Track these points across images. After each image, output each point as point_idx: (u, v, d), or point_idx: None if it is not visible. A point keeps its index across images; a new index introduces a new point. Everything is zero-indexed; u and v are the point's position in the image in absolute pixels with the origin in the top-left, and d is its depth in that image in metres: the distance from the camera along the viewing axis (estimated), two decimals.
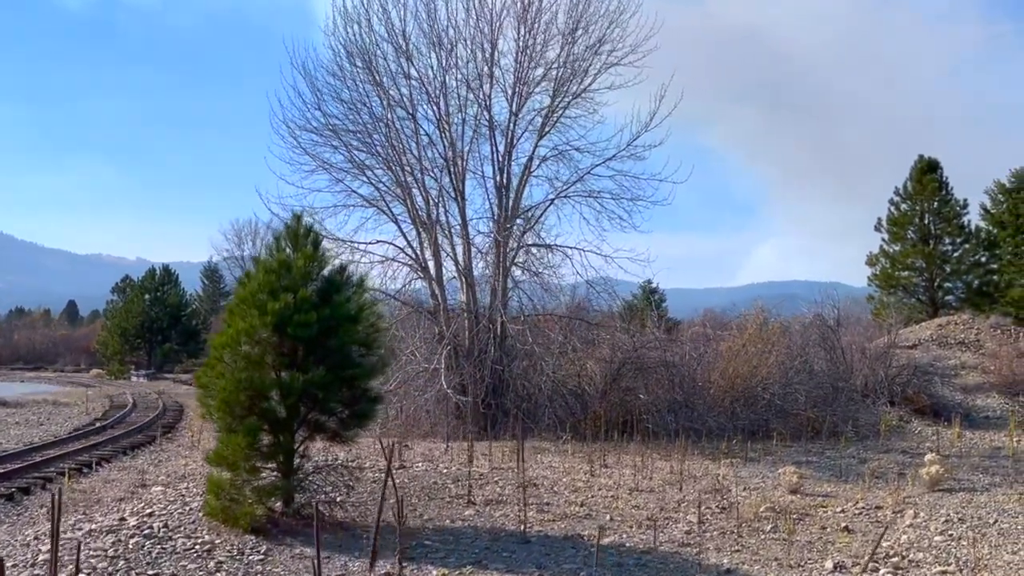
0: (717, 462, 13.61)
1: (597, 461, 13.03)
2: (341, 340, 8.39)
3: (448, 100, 17.30)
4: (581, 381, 17.70)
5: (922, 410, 20.05)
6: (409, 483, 10.77)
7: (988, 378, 23.41)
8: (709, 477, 11.94)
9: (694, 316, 34.82)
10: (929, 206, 33.85)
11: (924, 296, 34.04)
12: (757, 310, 19.75)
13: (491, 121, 17.49)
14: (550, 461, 13.23)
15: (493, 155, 17.57)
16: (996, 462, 13.73)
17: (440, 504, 9.71)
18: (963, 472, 12.64)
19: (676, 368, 17.77)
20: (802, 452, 14.86)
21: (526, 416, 16.46)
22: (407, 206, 17.08)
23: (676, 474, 11.90)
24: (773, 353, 18.23)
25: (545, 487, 10.79)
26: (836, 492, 10.99)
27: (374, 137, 16.81)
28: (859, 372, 20.48)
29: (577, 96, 17.84)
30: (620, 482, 11.27)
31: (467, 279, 17.31)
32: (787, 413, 17.31)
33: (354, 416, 8.66)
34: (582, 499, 10.13)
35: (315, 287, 8.58)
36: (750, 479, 11.82)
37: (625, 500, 10.15)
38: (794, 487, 10.86)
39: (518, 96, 17.55)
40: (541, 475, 11.69)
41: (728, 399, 17.49)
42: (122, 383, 39.73)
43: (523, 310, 17.28)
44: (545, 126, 17.86)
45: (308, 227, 8.81)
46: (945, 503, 10.15)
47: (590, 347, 18.81)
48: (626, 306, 37.58)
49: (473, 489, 10.39)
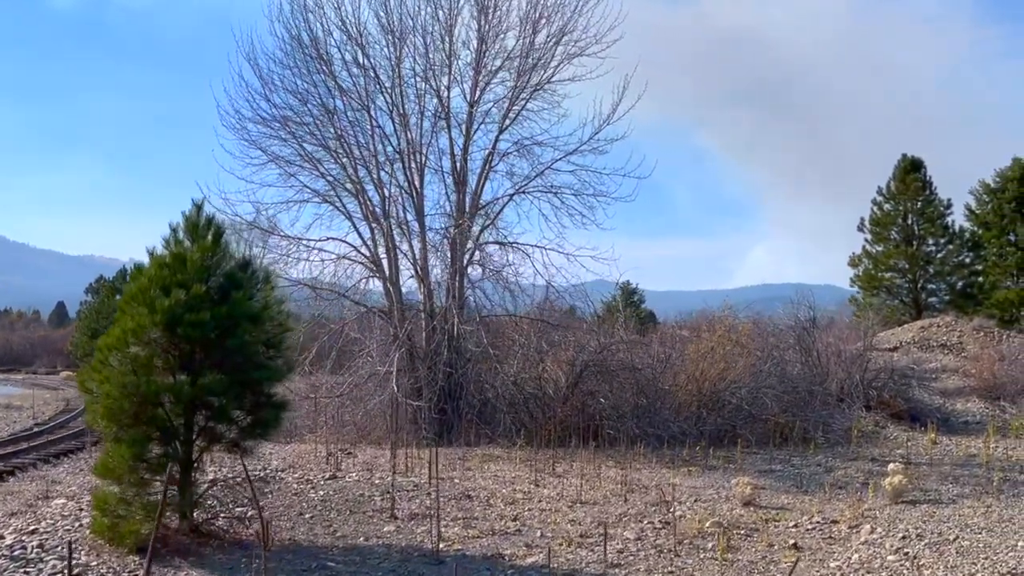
0: (675, 470, 12.91)
1: (547, 470, 12.33)
2: (240, 341, 7.65)
3: (404, 91, 16.58)
4: (543, 385, 16.98)
5: (898, 415, 19.40)
6: (334, 495, 10.04)
7: (969, 382, 22.79)
8: (661, 487, 11.23)
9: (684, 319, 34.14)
10: (912, 206, 33.30)
11: (907, 298, 33.46)
12: (726, 310, 19.07)
13: (448, 113, 16.79)
14: (498, 470, 12.51)
15: (451, 149, 16.87)
16: (968, 471, 13.06)
17: (360, 519, 8.98)
18: (931, 481, 11.96)
19: (641, 371, 17.06)
20: (767, 460, 14.17)
21: (482, 421, 15.76)
22: (360, 202, 16.35)
23: (626, 484, 11.21)
24: (743, 356, 17.54)
25: (481, 499, 10.07)
26: (793, 504, 10.30)
27: (325, 129, 16.08)
28: (834, 376, 19.81)
29: (539, 88, 17.16)
30: (564, 493, 10.56)
31: (423, 278, 16.58)
32: (756, 418, 16.62)
33: (256, 424, 7.92)
34: (517, 513, 9.42)
35: (215, 283, 7.85)
36: (704, 490, 11.12)
37: (564, 514, 9.44)
38: (747, 499, 10.17)
39: (477, 87, 16.86)
40: (482, 485, 10.97)
41: (695, 404, 16.79)
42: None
43: (479, 311, 16.55)
44: (506, 119, 17.16)
45: (209, 217, 8.07)
46: (906, 517, 9.46)
47: (555, 349, 18.09)
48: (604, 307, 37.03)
49: (401, 502, 9.67)
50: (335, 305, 16.49)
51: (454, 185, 16.85)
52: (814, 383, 19.64)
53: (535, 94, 17.18)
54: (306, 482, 10.80)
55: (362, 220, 16.52)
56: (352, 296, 16.32)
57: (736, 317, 19.24)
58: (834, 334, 21.86)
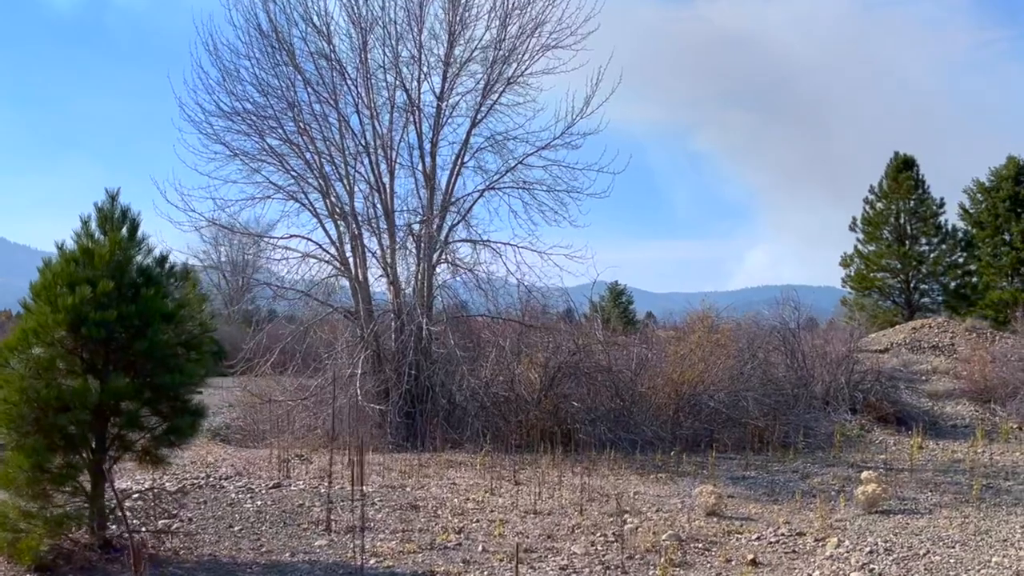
0: (644, 477, 12.36)
1: (508, 477, 11.78)
2: (151, 342, 7.09)
3: (372, 84, 16.02)
4: (515, 387, 16.41)
5: (885, 418, 18.82)
6: (271, 506, 9.48)
7: (959, 384, 22.21)
8: (624, 496, 10.67)
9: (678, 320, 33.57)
10: (905, 205, 32.70)
11: (900, 298, 32.88)
12: (704, 309, 18.52)
13: (418, 107, 16.22)
14: (458, 477, 11.95)
15: (420, 144, 16.31)
16: (951, 477, 12.50)
17: (294, 532, 8.43)
18: (910, 489, 11.40)
19: (617, 373, 16.50)
20: (742, 466, 13.61)
21: (451, 426, 15.20)
22: (326, 198, 15.78)
23: (587, 492, 10.65)
24: (723, 358, 16.98)
25: (428, 510, 9.51)
26: (760, 514, 9.74)
27: (288, 123, 15.49)
28: (819, 378, 19.25)
29: (512, 82, 16.60)
30: (519, 503, 10.00)
31: (391, 277, 16.03)
32: (735, 422, 16.06)
33: (171, 432, 7.37)
34: (463, 524, 8.86)
35: (128, 279, 7.30)
36: (668, 499, 10.56)
37: (513, 525, 8.88)
38: (712, 509, 9.61)
39: (446, 80, 16.29)
40: (434, 495, 10.41)
41: (672, 407, 16.24)
42: None
43: (446, 311, 15.99)
44: (478, 113, 16.60)
45: (124, 208, 7.52)
46: (877, 528, 8.91)
47: (530, 351, 17.53)
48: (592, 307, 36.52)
49: (343, 513, 9.12)
50: (301, 305, 15.96)
51: (424, 181, 16.30)
52: (798, 386, 19.11)
53: (508, 88, 16.63)
54: (247, 491, 10.25)
55: (328, 217, 15.96)
56: (316, 295, 15.76)
57: (717, 317, 18.64)
58: (821, 335, 21.27)
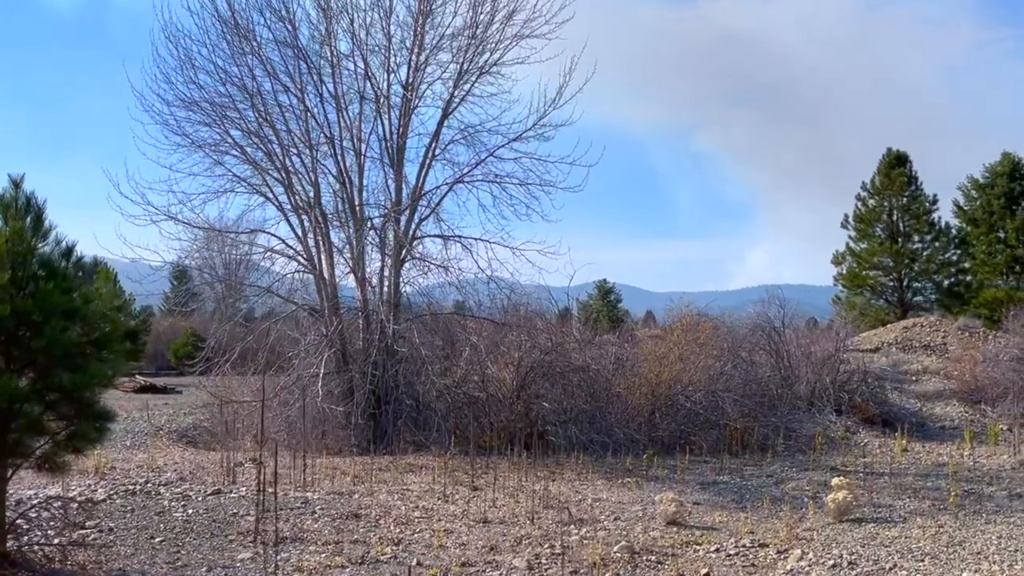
0: (612, 482, 11.82)
1: (467, 482, 11.24)
2: (51, 339, 6.54)
3: (340, 73, 15.45)
4: (488, 387, 15.86)
5: (871, 420, 18.29)
6: (203, 514, 8.94)
7: (949, 385, 21.68)
8: (585, 502, 10.14)
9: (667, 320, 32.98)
10: (897, 202, 32.12)
11: (892, 297, 32.30)
12: (683, 307, 17.97)
13: (387, 96, 15.66)
14: (415, 482, 11.42)
15: (386, 135, 15.73)
16: (932, 482, 11.96)
17: (219, 544, 7.88)
18: (887, 495, 10.87)
19: (593, 373, 15.96)
20: (716, 470, 13.07)
21: (417, 428, 14.66)
22: (289, 191, 15.24)
23: (545, 499, 10.11)
24: (701, 357, 16.44)
25: (371, 518, 8.97)
26: (725, 523, 9.19)
27: (250, 113, 14.94)
28: (803, 378, 18.71)
29: (485, 71, 16.05)
30: (472, 510, 9.45)
31: (357, 273, 15.48)
32: (713, 424, 15.51)
33: (73, 437, 6.83)
34: (404, 535, 8.31)
35: (28, 272, 6.76)
36: (630, 506, 10.02)
37: (458, 536, 8.33)
38: (673, 517, 9.06)
39: (416, 69, 15.73)
40: (382, 502, 9.87)
41: (649, 408, 15.70)
42: None
43: (413, 308, 15.45)
44: (450, 104, 16.05)
45: (28, 196, 6.97)
46: (845, 539, 8.37)
47: (503, 350, 16.97)
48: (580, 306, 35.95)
49: (279, 523, 8.56)
50: (262, 302, 15.42)
51: (392, 174, 15.74)
52: (782, 386, 18.59)
53: (481, 77, 16.09)
54: (183, 498, 9.71)
55: (292, 211, 15.42)
56: (281, 292, 15.21)
57: (700, 315, 18.07)
58: (806, 335, 20.71)
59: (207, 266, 17.94)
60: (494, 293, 15.62)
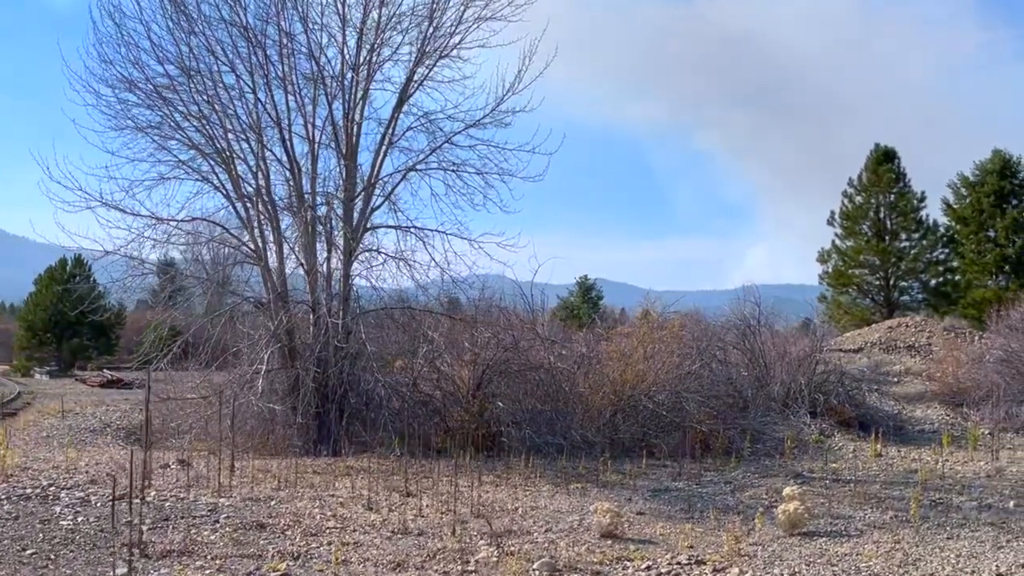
0: (559, 488, 11.11)
1: (400, 487, 10.51)
2: None
3: (286, 52, 14.68)
4: (442, 386, 15.15)
5: (847, 422, 17.58)
6: (91, 523, 8.21)
7: (931, 386, 20.99)
8: (518, 512, 9.42)
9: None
10: (885, 199, 31.39)
11: (878, 296, 31.58)
12: (648, 302, 17.25)
13: (339, 80, 14.89)
14: (345, 486, 10.68)
15: (342, 121, 14.96)
16: (900, 491, 11.25)
17: (98, 556, 7.14)
18: (849, 505, 10.16)
19: (554, 372, 15.23)
20: (674, 475, 12.36)
21: (365, 428, 13.94)
22: (234, 178, 14.49)
23: (478, 506, 9.40)
24: (668, 356, 15.72)
25: (278, 528, 8.23)
26: (666, 536, 8.47)
27: (191, 96, 14.16)
28: (777, 379, 18.00)
29: (445, 55, 15.32)
30: (395, 519, 8.71)
31: (305, 265, 14.74)
32: (677, 426, 14.80)
33: None
34: (308, 548, 7.57)
35: None
36: (568, 515, 9.30)
37: (367, 550, 7.60)
38: (608, 529, 8.34)
39: (372, 51, 14.97)
40: (299, 509, 9.14)
41: (611, 409, 14.98)
42: (23, 380, 36.69)
43: (359, 303, 14.71)
44: (407, 89, 15.32)
45: None
46: (790, 556, 7.65)
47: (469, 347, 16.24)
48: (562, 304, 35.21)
49: (173, 533, 7.84)
50: (200, 295, 14.69)
51: (345, 161, 14.99)
52: (755, 387, 17.90)
53: (441, 61, 15.35)
54: (82, 504, 8.98)
55: (238, 199, 14.67)
56: (216, 280, 14.47)
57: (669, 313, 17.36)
58: (784, 334, 19.99)
59: (192, 259, 17.15)
60: (448, 288, 14.88)
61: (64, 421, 18.54)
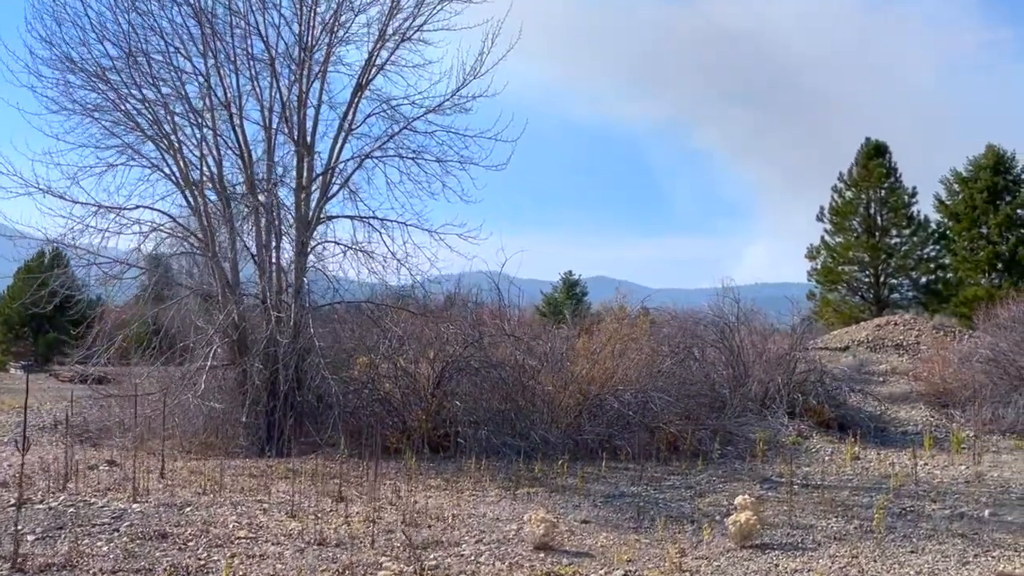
0: (507, 492, 10.46)
1: (332, 493, 9.86)
2: None
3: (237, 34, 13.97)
4: (400, 384, 14.49)
5: (827, 423, 16.94)
6: None
7: (917, 386, 20.34)
8: (455, 520, 8.77)
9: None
10: (875, 194, 30.68)
11: (868, 294, 30.88)
12: (618, 297, 16.59)
13: (297, 63, 14.18)
14: (281, 491, 10.02)
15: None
16: (870, 497, 10.60)
17: None
18: (812, 513, 9.50)
19: (517, 370, 14.57)
20: (634, 479, 11.68)
21: (316, 428, 13.27)
22: (179, 164, 13.80)
23: (412, 514, 8.75)
24: (638, 353, 15.06)
25: (181, 539, 7.56)
26: (606, 548, 7.82)
27: (137, 77, 13.47)
28: (755, 378, 17.33)
29: (407, 38, 14.64)
30: (312, 529, 8.04)
31: (255, 257, 14.07)
32: (645, 427, 14.13)
33: None
34: (206, 562, 6.91)
35: None
36: (507, 523, 8.64)
37: (271, 565, 6.93)
38: (542, 541, 7.68)
39: (328, 32, 14.27)
40: (214, 516, 8.47)
41: (577, 409, 14.32)
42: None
43: (310, 296, 14.02)
44: (367, 73, 14.63)
45: None
46: (735, 572, 7.00)
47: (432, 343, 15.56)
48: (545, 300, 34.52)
49: (60, 545, 7.19)
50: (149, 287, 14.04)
51: (297, 147, 14.29)
52: (732, 386, 17.24)
53: (403, 44, 14.67)
54: None
55: (187, 187, 13.99)
56: (162, 271, 13.81)
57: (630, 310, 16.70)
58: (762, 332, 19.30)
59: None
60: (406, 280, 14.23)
61: (13, 418, 17.85)
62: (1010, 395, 17.68)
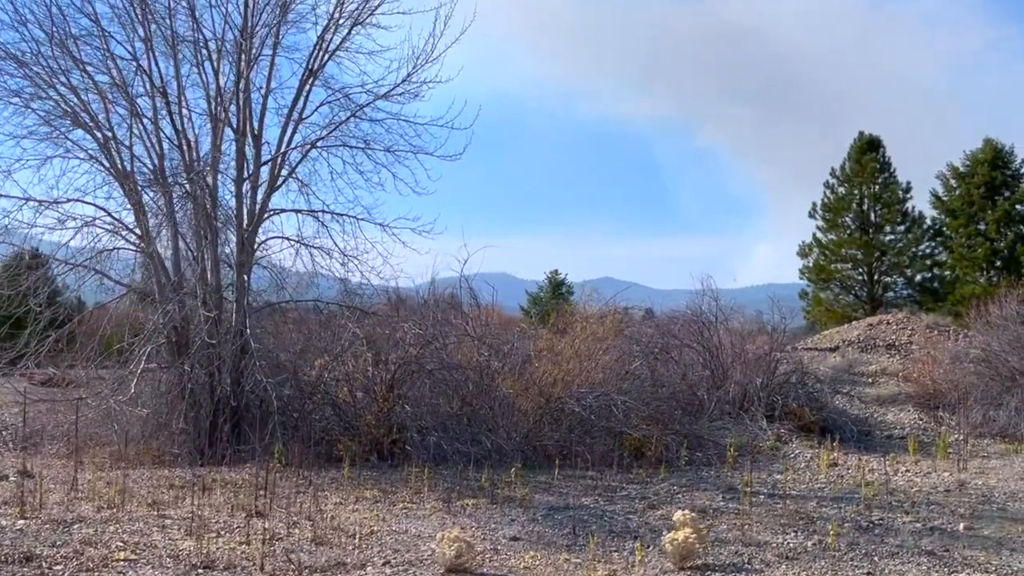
0: (446, 505, 9.64)
1: (247, 507, 9.06)
2: None
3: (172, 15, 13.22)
4: (352, 387, 13.72)
5: (808, 427, 16.07)
6: None
7: (907, 388, 19.47)
8: (371, 537, 7.97)
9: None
10: (869, 189, 29.78)
11: (861, 292, 29.98)
12: (588, 293, 15.78)
13: (232, 46, 13.43)
14: (191, 506, 9.23)
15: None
16: (839, 509, 9.79)
17: None
18: (770, 528, 8.68)
19: (474, 372, 13.77)
20: (589, 488, 10.86)
21: (255, 434, 12.48)
22: (110, 153, 13.04)
23: (324, 530, 7.96)
24: (605, 355, 14.26)
25: (49, 562, 6.78)
26: (530, 570, 7.02)
27: (64, 61, 12.73)
28: (732, 380, 16.50)
29: (360, 23, 13.88)
30: (203, 550, 7.24)
31: (196, 253, 13.31)
32: (609, 432, 13.32)
33: None
34: None
35: None
36: (424, 541, 7.82)
37: None
38: (455, 563, 6.88)
39: (272, 15, 13.51)
40: (99, 535, 7.69)
41: (537, 414, 13.52)
42: None
43: (250, 295, 13.24)
44: (316, 59, 13.87)
45: None
46: None
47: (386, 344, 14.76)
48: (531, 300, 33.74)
49: None
50: (74, 281, 13.32)
51: (237, 136, 13.52)
52: (709, 389, 16.43)
53: (355, 28, 13.91)
54: None
55: (122, 178, 13.23)
56: (92, 266, 13.05)
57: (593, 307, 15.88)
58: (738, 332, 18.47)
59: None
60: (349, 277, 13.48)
61: None
62: (1002, 397, 16.84)
